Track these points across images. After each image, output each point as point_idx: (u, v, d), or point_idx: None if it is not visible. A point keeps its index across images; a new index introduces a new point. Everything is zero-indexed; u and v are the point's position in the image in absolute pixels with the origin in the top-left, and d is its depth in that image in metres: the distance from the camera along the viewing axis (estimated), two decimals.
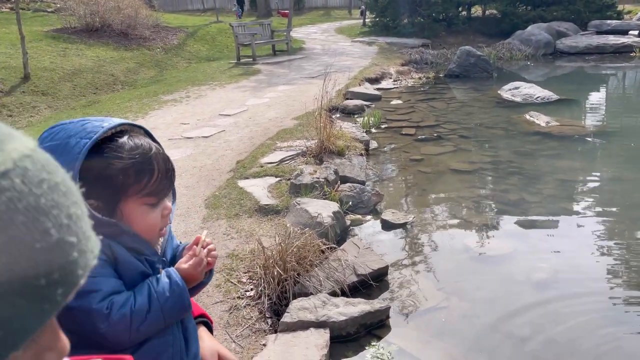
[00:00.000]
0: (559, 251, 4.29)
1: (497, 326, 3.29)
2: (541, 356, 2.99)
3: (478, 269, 4.10)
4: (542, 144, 7.36)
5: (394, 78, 13.89)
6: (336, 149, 6.25)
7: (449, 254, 4.31)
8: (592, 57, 17.35)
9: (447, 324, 3.33)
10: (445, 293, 3.68)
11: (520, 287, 3.76)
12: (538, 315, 3.40)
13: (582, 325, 3.27)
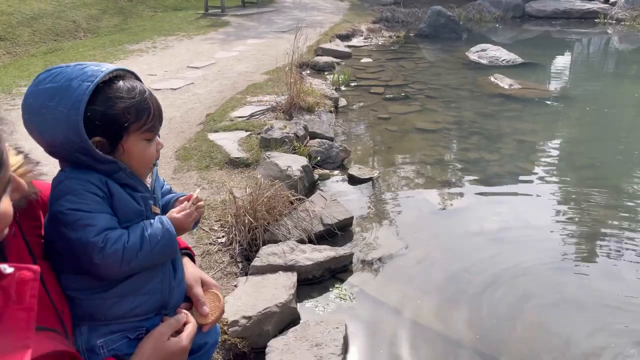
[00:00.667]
0: (514, 207, 4.60)
1: (450, 271, 3.58)
2: (488, 298, 3.30)
3: (437, 221, 4.37)
4: (504, 106, 7.64)
5: (364, 36, 13.86)
6: (306, 105, 6.35)
7: (410, 207, 4.56)
8: (558, 21, 17.66)
9: (405, 269, 3.60)
10: (405, 242, 3.94)
11: (475, 239, 4.05)
12: (489, 264, 3.70)
13: (530, 275, 3.58)
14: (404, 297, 3.29)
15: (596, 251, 3.95)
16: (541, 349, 2.87)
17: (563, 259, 3.84)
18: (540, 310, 3.20)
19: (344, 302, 3.22)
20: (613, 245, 4.01)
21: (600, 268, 3.72)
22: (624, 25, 16.47)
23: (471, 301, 3.27)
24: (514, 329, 3.03)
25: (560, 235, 4.16)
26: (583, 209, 4.62)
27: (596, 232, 4.22)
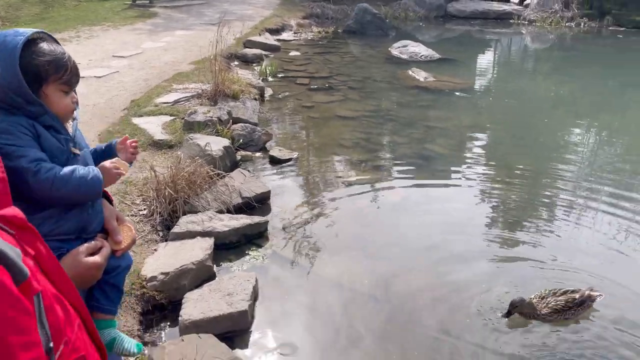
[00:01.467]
0: (418, 181, 5.12)
1: (355, 235, 4.02)
2: (386, 255, 3.75)
3: (348, 195, 4.79)
4: (418, 97, 8.25)
5: (294, 30, 14.21)
6: (231, 92, 6.60)
7: (325, 184, 4.96)
8: (477, 21, 18.83)
9: (315, 235, 3.98)
10: (318, 212, 4.33)
11: (380, 208, 4.52)
12: (390, 228, 4.16)
13: (425, 235, 4.07)
14: (313, 257, 3.67)
15: (482, 210, 4.53)
16: (431, 294, 3.34)
17: (455, 220, 4.37)
18: (433, 265, 3.68)
19: (257, 262, 3.56)
20: (501, 210, 4.60)
21: (482, 228, 4.29)
22: (536, 26, 17.84)
23: (371, 258, 3.71)
24: (407, 281, 3.48)
25: (449, 199, 4.71)
26: (475, 179, 5.22)
27: (482, 195, 4.81)
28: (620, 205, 4.78)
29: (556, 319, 3.10)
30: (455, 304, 3.24)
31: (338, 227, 4.13)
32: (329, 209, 4.45)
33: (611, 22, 17.68)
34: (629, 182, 5.47)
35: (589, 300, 3.18)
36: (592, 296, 3.20)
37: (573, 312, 3.11)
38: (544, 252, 3.90)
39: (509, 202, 4.79)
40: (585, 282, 3.45)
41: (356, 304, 3.22)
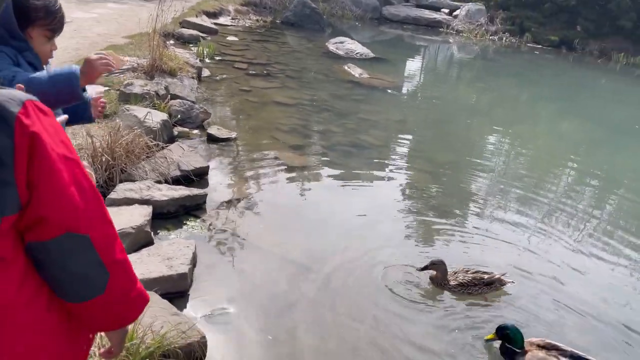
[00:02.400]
0: (350, 166, 5.37)
1: (288, 210, 4.20)
2: (319, 230, 3.95)
3: (283, 175, 4.94)
4: (352, 91, 8.56)
5: (232, 16, 14.09)
6: (168, 69, 6.51)
7: (262, 163, 5.08)
8: (409, 26, 19.64)
9: (252, 208, 4.12)
10: (255, 188, 4.46)
11: (313, 188, 4.72)
12: (322, 205, 4.37)
13: (355, 214, 4.32)
14: (249, 229, 3.79)
15: (407, 195, 4.87)
16: (358, 266, 3.57)
17: (382, 203, 4.66)
18: (361, 241, 3.92)
19: (195, 231, 3.63)
20: (423, 197, 4.96)
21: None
22: (462, 36, 18.90)
23: (304, 232, 3.89)
24: (337, 253, 3.69)
25: (377, 184, 5.02)
26: (401, 168, 5.58)
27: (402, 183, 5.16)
28: (527, 204, 5.32)
29: (460, 291, 3.40)
30: (378, 274, 3.49)
31: (274, 204, 4.28)
32: (266, 187, 4.58)
33: (530, 39, 19.14)
34: (535, 185, 6.07)
35: (498, 283, 3.49)
36: (503, 280, 3.52)
37: (478, 289, 3.40)
38: (450, 241, 4.28)
39: (431, 190, 5.17)
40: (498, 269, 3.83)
41: (290, 272, 3.38)
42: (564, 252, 4.29)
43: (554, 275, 3.84)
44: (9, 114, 0.81)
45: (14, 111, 0.82)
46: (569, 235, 4.64)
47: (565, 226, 4.85)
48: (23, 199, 0.83)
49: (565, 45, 18.85)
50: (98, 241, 0.95)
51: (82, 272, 0.94)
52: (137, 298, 1.08)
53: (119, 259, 1.02)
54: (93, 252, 0.95)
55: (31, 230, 0.88)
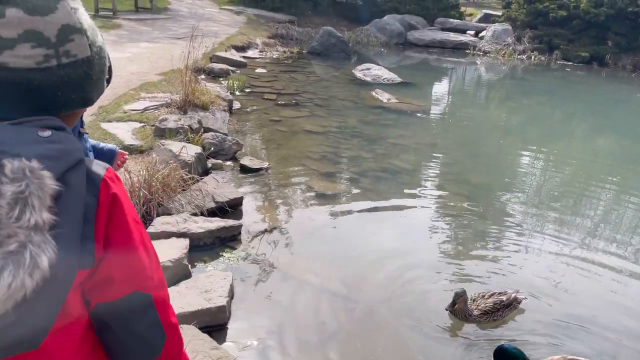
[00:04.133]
0: (382, 191, 5.34)
1: (322, 238, 4.18)
2: (353, 260, 3.91)
3: (316, 203, 4.95)
4: (381, 116, 8.58)
5: (260, 49, 14.43)
6: (201, 103, 6.69)
7: (295, 193, 5.11)
8: (435, 50, 19.67)
9: (287, 238, 4.12)
10: (288, 219, 4.48)
11: (348, 215, 4.69)
12: (357, 235, 4.34)
13: (390, 245, 4.27)
14: (285, 259, 3.79)
15: (441, 221, 4.78)
16: (393, 295, 3.51)
17: (416, 229, 4.60)
18: (394, 269, 3.86)
19: (232, 263, 3.64)
20: (457, 222, 4.87)
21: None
22: (490, 56, 18.80)
23: (339, 262, 3.86)
24: (372, 282, 3.64)
25: (410, 209, 4.96)
26: (434, 192, 5.51)
27: (444, 212, 5.08)
28: (564, 225, 5.16)
29: (485, 320, 3.30)
30: (411, 305, 3.42)
31: (307, 233, 4.27)
32: (299, 215, 4.59)
33: (559, 56, 18.89)
34: (572, 205, 5.90)
35: (515, 302, 3.42)
36: (518, 298, 3.44)
37: (501, 314, 3.32)
38: (492, 263, 4.17)
39: (466, 213, 5.07)
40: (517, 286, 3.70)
41: (326, 302, 3.35)
42: (599, 273, 4.12)
43: (582, 295, 3.69)
44: (96, 176, 0.89)
45: (100, 174, 0.90)
46: (606, 257, 4.47)
47: (604, 249, 4.67)
48: (98, 256, 0.88)
49: (596, 61, 18.51)
50: (159, 302, 0.98)
51: (144, 332, 0.97)
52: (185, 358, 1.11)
53: (174, 323, 1.04)
54: (154, 313, 0.98)
55: (99, 291, 0.92)
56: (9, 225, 0.76)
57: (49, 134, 0.85)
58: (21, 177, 0.77)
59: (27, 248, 0.76)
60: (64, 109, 0.92)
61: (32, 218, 0.77)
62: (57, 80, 0.88)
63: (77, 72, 0.90)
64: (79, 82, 0.92)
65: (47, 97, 0.89)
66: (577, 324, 3.38)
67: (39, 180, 0.78)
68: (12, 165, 0.77)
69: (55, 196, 0.80)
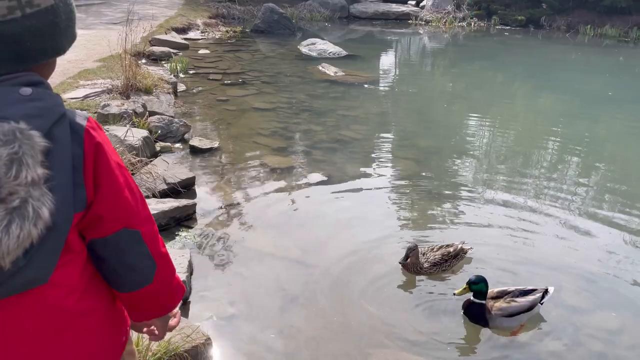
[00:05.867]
0: (333, 163, 5.41)
1: (277, 211, 4.22)
2: (307, 227, 3.97)
3: (269, 178, 4.96)
4: (329, 89, 8.61)
5: (201, 30, 14.08)
6: (143, 87, 6.50)
7: (247, 170, 5.10)
8: (378, 22, 19.77)
9: (241, 214, 4.13)
10: (242, 196, 4.49)
11: (298, 188, 4.74)
12: (307, 206, 4.39)
13: (343, 208, 4.35)
14: (241, 234, 3.81)
15: (395, 184, 4.91)
16: (349, 259, 3.60)
17: (370, 195, 4.70)
18: (350, 234, 3.95)
19: (189, 241, 3.63)
20: (409, 185, 5.01)
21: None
22: (431, 25, 19.09)
23: (295, 231, 3.92)
24: (329, 249, 3.72)
25: (364, 177, 5.06)
26: (386, 158, 5.63)
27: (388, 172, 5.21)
28: (512, 180, 5.41)
29: (435, 271, 3.44)
30: (367, 265, 3.53)
31: (263, 207, 4.29)
32: (254, 191, 4.60)
33: (498, 21, 19.40)
34: (518, 161, 6.17)
35: (462, 253, 3.59)
36: (464, 249, 3.62)
37: (449, 264, 3.49)
38: (444, 222, 4.34)
39: (418, 177, 5.22)
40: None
41: (286, 271, 3.40)
42: (544, 223, 4.37)
43: (531, 241, 3.92)
44: (79, 127, 0.96)
45: (82, 124, 0.97)
46: (550, 207, 4.73)
47: (548, 200, 4.93)
48: (89, 199, 0.98)
49: (532, 23, 19.15)
50: (147, 236, 1.09)
51: (135, 263, 1.09)
52: (178, 287, 1.23)
53: (163, 252, 1.15)
54: (144, 246, 1.09)
55: (92, 229, 1.03)
56: (9, 183, 0.83)
57: (30, 92, 0.90)
58: (12, 139, 0.83)
59: (28, 202, 0.85)
60: (38, 59, 0.96)
61: (29, 175, 0.84)
62: (24, 31, 0.91)
63: (43, 21, 0.93)
64: (47, 31, 0.95)
65: (18, 48, 0.91)
66: (522, 269, 3.58)
67: (29, 140, 0.85)
68: (3, 129, 0.83)
69: (45, 152, 0.87)
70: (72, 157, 0.93)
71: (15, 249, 0.85)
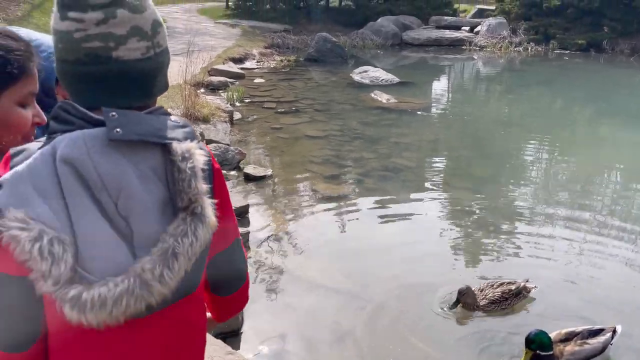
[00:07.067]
0: (387, 190, 5.36)
1: (330, 240, 4.21)
2: (360, 259, 3.93)
3: (321, 206, 4.96)
4: (382, 116, 8.61)
5: (257, 59, 14.53)
6: (202, 115, 6.75)
7: (300, 198, 5.14)
8: (431, 48, 19.70)
9: (294, 243, 4.16)
10: (295, 224, 4.52)
11: (351, 218, 4.72)
12: (361, 236, 4.36)
13: (395, 242, 4.28)
14: (294, 262, 3.82)
15: (448, 215, 4.78)
16: (403, 292, 3.52)
17: (423, 225, 4.60)
18: (404, 266, 3.87)
19: None
20: (464, 216, 4.87)
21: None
22: (486, 51, 18.82)
23: (348, 260, 3.88)
24: (382, 281, 3.65)
25: (417, 206, 4.97)
26: (440, 187, 5.51)
27: (448, 200, 5.08)
28: (573, 213, 5.15)
29: (494, 309, 3.29)
30: (421, 299, 3.43)
31: (315, 236, 4.30)
32: (306, 219, 4.61)
33: (556, 45, 18.87)
34: (580, 193, 5.89)
35: (525, 292, 3.41)
36: (528, 287, 3.43)
37: (509, 303, 3.32)
38: (502, 255, 4.18)
39: (473, 207, 5.08)
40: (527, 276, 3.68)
41: (338, 302, 3.37)
42: (610, 261, 4.11)
43: (590, 276, 3.68)
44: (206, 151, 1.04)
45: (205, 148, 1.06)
46: (617, 245, 4.45)
47: (614, 236, 4.65)
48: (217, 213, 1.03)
49: (593, 47, 18.48)
50: (241, 241, 1.18)
51: (240, 267, 1.19)
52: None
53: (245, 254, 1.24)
54: (242, 250, 1.18)
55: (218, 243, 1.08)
56: (191, 193, 0.93)
57: (178, 120, 1.01)
58: (189, 155, 0.94)
59: (205, 209, 0.95)
60: (159, 93, 1.06)
61: (202, 186, 0.95)
62: (156, 67, 1.01)
63: (164, 59, 1.04)
64: (164, 68, 1.05)
65: (151, 82, 1.01)
66: (589, 312, 3.37)
67: (198, 156, 0.96)
68: (181, 147, 0.94)
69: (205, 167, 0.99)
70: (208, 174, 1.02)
71: (198, 252, 0.94)
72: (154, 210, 0.93)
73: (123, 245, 0.91)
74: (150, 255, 0.90)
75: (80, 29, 0.93)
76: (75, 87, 0.99)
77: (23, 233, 0.84)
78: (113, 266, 0.89)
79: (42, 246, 0.84)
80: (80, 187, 0.89)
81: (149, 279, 0.89)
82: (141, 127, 0.94)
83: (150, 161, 0.94)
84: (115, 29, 0.94)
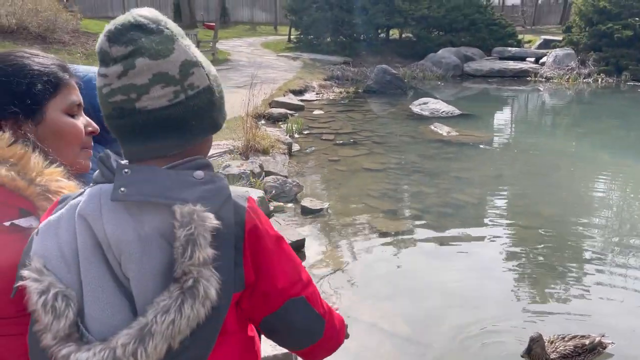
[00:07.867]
0: (448, 227, 5.18)
1: (387, 279, 4.07)
2: (420, 297, 3.77)
3: (378, 242, 4.86)
4: (442, 149, 8.43)
5: (316, 91, 14.78)
6: (261, 147, 6.88)
7: (356, 232, 5.06)
8: (494, 79, 19.29)
9: (350, 279, 4.06)
10: (351, 259, 4.43)
11: (409, 255, 4.58)
12: (423, 272, 4.20)
13: (457, 281, 4.10)
14: (350, 300, 3.73)
15: (511, 256, 4.53)
16: (464, 337, 3.34)
17: (485, 266, 4.39)
18: (465, 309, 3.69)
19: None
20: (529, 257, 4.60)
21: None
22: (553, 82, 18.19)
23: (405, 300, 3.74)
24: (442, 324, 3.49)
25: (479, 245, 4.74)
26: (503, 226, 5.26)
27: (510, 241, 4.83)
28: None
29: None
30: (485, 348, 3.22)
31: (372, 273, 4.20)
32: (362, 256, 4.52)
33: (629, 77, 17.95)
34: None
35: (600, 347, 3.12)
36: (604, 343, 3.14)
37: (582, 359, 3.05)
38: (570, 301, 3.88)
39: (538, 247, 4.80)
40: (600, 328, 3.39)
41: (396, 347, 3.23)
42: None
43: None
44: (241, 208, 0.99)
45: (244, 206, 1.00)
46: None
47: None
48: (247, 280, 1.00)
49: None
50: (310, 299, 1.10)
51: (305, 326, 1.12)
52: (342, 325, 1.24)
53: (327, 308, 1.18)
54: (310, 309, 1.10)
55: (261, 307, 1.05)
56: (184, 263, 0.88)
57: (202, 176, 0.96)
58: (189, 220, 0.89)
59: (200, 282, 0.88)
60: (200, 136, 1.02)
61: (201, 255, 0.89)
62: (189, 112, 0.98)
63: (202, 100, 1.00)
64: (206, 110, 1.01)
65: (184, 128, 0.99)
66: None
67: (203, 221, 0.90)
68: (182, 211, 0.89)
69: (214, 232, 0.92)
70: (234, 237, 0.96)
71: (185, 329, 0.88)
72: (153, 275, 0.89)
73: (126, 306, 0.89)
74: (130, 328, 0.86)
75: (106, 84, 0.94)
76: (118, 140, 0.99)
77: (34, 284, 0.87)
78: (108, 328, 0.87)
79: (47, 300, 0.85)
80: (92, 243, 0.89)
81: (120, 356, 0.84)
82: (148, 186, 0.91)
83: (156, 222, 0.90)
84: (136, 79, 0.93)
